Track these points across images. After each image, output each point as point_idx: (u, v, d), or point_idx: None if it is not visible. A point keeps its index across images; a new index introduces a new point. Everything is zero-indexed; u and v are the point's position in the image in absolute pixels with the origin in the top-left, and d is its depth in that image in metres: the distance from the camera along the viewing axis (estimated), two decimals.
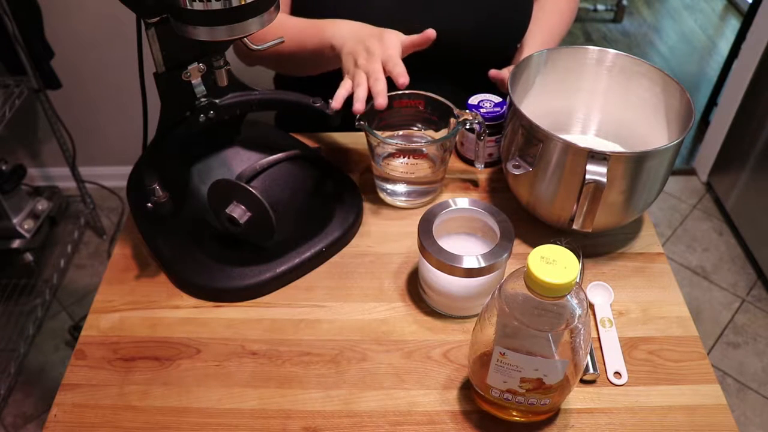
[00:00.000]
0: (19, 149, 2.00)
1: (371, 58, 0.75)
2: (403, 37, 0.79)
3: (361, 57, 0.76)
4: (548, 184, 0.72)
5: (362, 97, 0.72)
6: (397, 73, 0.73)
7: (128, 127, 1.91)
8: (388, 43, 0.76)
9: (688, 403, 0.63)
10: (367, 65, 0.74)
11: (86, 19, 1.70)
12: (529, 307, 0.52)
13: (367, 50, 0.76)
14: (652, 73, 0.78)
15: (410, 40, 0.79)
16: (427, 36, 0.79)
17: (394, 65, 0.74)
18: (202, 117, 0.74)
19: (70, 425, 0.62)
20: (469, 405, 0.63)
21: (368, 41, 0.77)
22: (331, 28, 0.83)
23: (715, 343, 1.69)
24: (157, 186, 0.71)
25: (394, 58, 0.74)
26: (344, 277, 0.75)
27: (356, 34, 0.79)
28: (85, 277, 1.87)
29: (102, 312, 0.72)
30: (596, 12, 3.00)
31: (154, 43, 0.66)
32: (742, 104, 1.91)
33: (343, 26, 0.82)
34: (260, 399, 0.64)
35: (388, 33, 0.78)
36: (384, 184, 0.83)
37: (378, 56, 0.75)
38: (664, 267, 0.77)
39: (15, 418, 1.54)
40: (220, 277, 0.72)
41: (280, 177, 0.79)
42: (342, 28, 0.82)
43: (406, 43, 0.79)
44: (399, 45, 0.77)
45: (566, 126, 0.87)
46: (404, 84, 0.73)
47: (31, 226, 1.69)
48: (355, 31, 0.81)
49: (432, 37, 0.80)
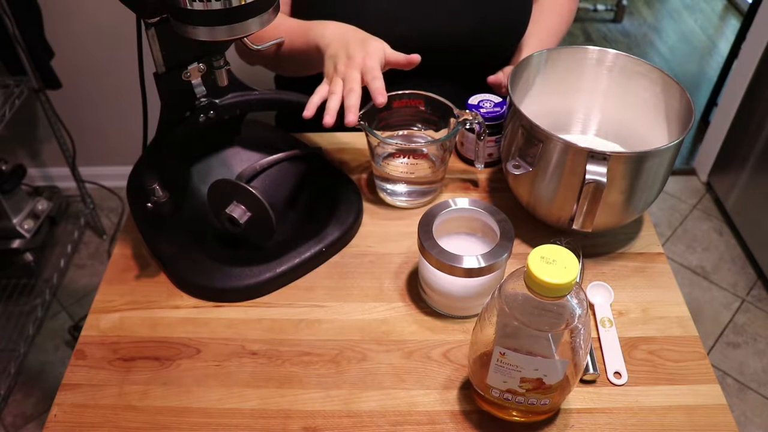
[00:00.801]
0: (19, 149, 2.00)
1: (350, 64, 0.72)
2: (388, 50, 0.76)
3: (340, 62, 0.73)
4: (548, 184, 0.72)
5: (334, 108, 0.69)
6: (375, 89, 0.70)
7: (128, 127, 1.91)
8: (371, 51, 0.74)
9: (688, 403, 0.63)
10: (345, 71, 0.72)
11: (86, 19, 1.70)
12: (529, 307, 0.52)
13: (348, 55, 0.74)
14: (652, 73, 0.79)
15: (394, 57, 0.76)
16: (411, 60, 0.77)
17: (373, 78, 0.71)
18: (202, 117, 0.74)
19: (70, 425, 0.62)
20: (469, 405, 0.63)
21: (351, 46, 0.74)
22: (318, 28, 0.81)
23: (715, 343, 1.69)
24: (157, 186, 0.71)
25: (374, 70, 0.72)
26: (344, 277, 0.75)
27: (342, 37, 0.77)
28: (85, 277, 1.87)
29: (102, 312, 0.72)
30: (596, 12, 3.00)
31: (154, 43, 0.66)
32: (742, 104, 1.91)
33: (330, 28, 0.80)
34: (260, 399, 0.64)
35: (372, 41, 0.76)
36: (384, 184, 0.83)
37: (357, 64, 0.72)
38: (664, 267, 0.77)
39: (15, 418, 1.54)
40: (220, 277, 0.72)
41: (280, 177, 0.79)
42: (328, 29, 0.79)
43: (389, 57, 0.76)
44: (382, 56, 0.75)
45: (566, 126, 0.87)
46: (381, 104, 0.70)
47: (31, 226, 1.69)
48: (341, 33, 0.78)
49: (415, 63, 0.77)
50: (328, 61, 0.76)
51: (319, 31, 0.80)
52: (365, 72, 0.72)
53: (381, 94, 0.70)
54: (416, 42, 0.87)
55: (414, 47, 0.84)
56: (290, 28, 0.85)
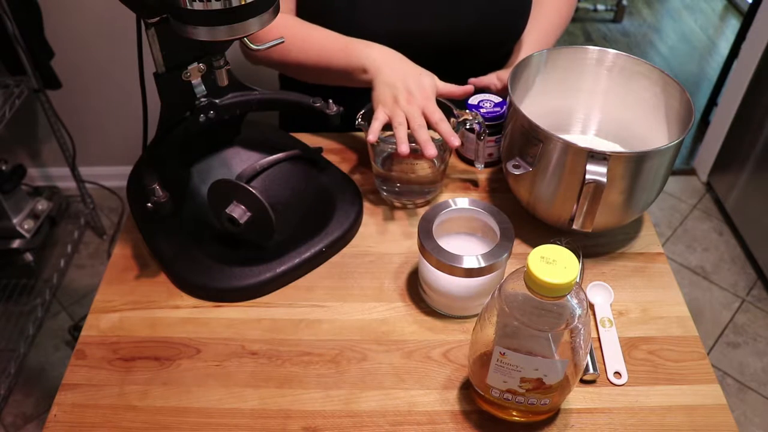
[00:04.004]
0: (19, 149, 2.00)
1: (411, 100, 0.78)
2: (440, 84, 0.81)
3: (401, 96, 0.78)
4: (548, 184, 0.72)
5: (404, 137, 0.74)
6: (445, 132, 0.76)
7: (128, 127, 1.91)
8: (427, 89, 0.79)
9: (688, 403, 0.63)
10: (408, 108, 0.77)
11: (86, 19, 1.70)
12: (529, 307, 0.52)
13: (408, 91, 0.78)
14: (652, 73, 0.79)
15: (447, 90, 0.82)
16: (466, 91, 0.83)
17: (439, 120, 0.76)
18: (202, 117, 0.74)
19: (70, 425, 0.62)
20: (469, 405, 0.63)
21: (409, 81, 0.79)
22: (362, 47, 0.83)
23: (715, 343, 1.69)
24: (157, 186, 0.71)
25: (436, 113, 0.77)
26: (344, 277, 0.75)
27: (394, 65, 0.81)
28: (85, 277, 1.87)
29: (102, 312, 0.72)
30: (596, 12, 3.00)
31: (154, 43, 0.66)
32: (742, 104, 1.91)
33: (376, 50, 0.83)
34: (260, 399, 0.64)
35: (426, 77, 0.80)
36: (384, 184, 0.83)
37: (418, 100, 0.78)
38: (664, 267, 0.77)
39: (15, 418, 1.54)
40: (220, 277, 0.72)
41: (280, 177, 0.79)
42: (374, 50, 0.83)
43: (441, 90, 0.81)
44: (435, 92, 0.80)
45: (566, 126, 0.87)
46: (457, 146, 0.75)
47: (31, 226, 1.69)
48: (389, 60, 0.82)
49: (470, 93, 0.83)
50: (385, 89, 0.80)
51: (363, 52, 0.83)
52: (429, 114, 0.77)
53: (453, 136, 0.75)
54: (415, 40, 0.87)
55: (412, 45, 0.85)
56: (326, 43, 0.86)
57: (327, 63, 0.86)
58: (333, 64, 0.85)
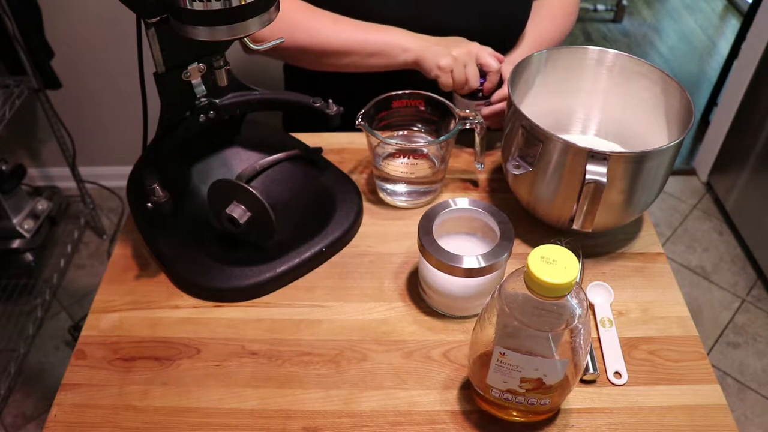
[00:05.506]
0: (19, 149, 2.00)
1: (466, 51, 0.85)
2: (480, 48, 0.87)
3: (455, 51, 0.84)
4: (548, 184, 0.72)
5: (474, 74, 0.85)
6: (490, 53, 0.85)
7: (128, 127, 1.91)
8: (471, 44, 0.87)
9: (688, 403, 0.63)
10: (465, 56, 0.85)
11: (86, 19, 1.70)
12: (529, 307, 0.52)
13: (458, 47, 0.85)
14: (652, 73, 0.78)
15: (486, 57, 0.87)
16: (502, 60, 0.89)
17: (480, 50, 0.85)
18: (202, 117, 0.74)
19: (70, 425, 0.62)
20: (469, 405, 0.63)
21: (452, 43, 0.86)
22: (396, 30, 0.87)
23: (715, 343, 1.69)
24: (157, 186, 0.71)
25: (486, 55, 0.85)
26: (344, 277, 0.75)
27: (431, 38, 0.87)
28: (85, 277, 1.87)
29: (102, 312, 0.72)
30: (596, 12, 3.00)
31: (154, 43, 0.66)
32: (742, 104, 1.91)
33: (399, 32, 0.87)
34: (260, 399, 0.64)
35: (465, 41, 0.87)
36: (384, 184, 0.83)
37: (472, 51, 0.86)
38: (664, 267, 0.77)
39: (15, 418, 1.54)
40: (220, 277, 0.72)
41: (280, 177, 0.79)
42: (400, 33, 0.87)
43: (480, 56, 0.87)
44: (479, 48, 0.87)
45: (566, 126, 0.87)
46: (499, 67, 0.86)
47: (31, 226, 1.69)
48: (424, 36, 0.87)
49: None
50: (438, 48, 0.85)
51: (399, 32, 0.87)
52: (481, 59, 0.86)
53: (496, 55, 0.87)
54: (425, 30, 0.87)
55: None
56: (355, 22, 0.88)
57: (363, 42, 0.86)
58: (370, 43, 0.86)
